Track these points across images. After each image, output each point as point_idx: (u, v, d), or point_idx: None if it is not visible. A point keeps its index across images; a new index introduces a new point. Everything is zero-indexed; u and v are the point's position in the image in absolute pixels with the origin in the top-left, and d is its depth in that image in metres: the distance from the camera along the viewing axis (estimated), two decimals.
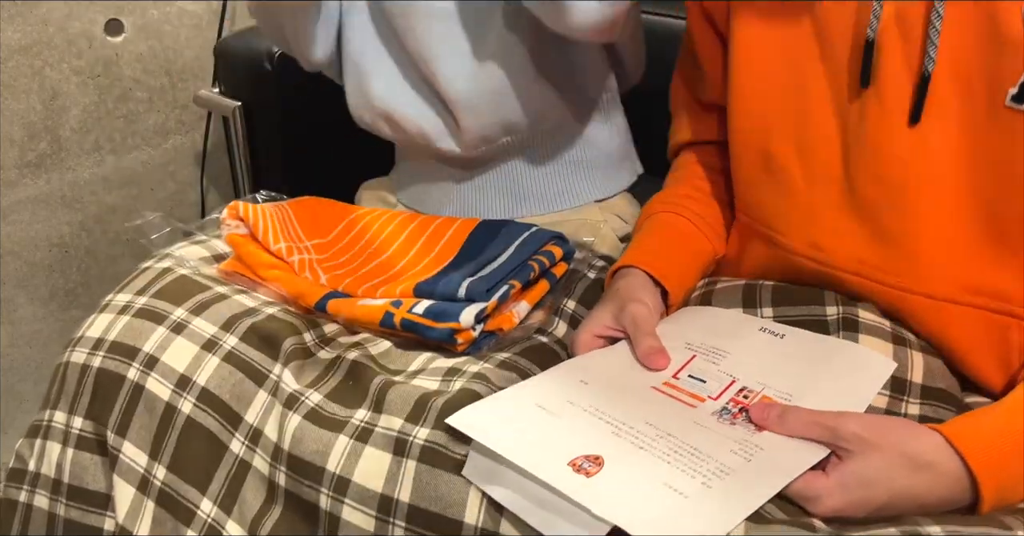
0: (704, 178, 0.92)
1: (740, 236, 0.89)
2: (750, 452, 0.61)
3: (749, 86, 0.80)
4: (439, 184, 1.06)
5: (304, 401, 0.72)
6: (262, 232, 0.88)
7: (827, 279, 0.79)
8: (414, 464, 0.64)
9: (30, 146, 1.31)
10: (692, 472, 0.59)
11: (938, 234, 0.72)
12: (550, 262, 0.85)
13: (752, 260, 0.87)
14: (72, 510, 0.80)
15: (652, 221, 0.89)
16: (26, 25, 1.25)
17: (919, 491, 0.59)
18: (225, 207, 0.94)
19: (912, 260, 0.73)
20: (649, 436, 0.63)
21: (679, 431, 0.64)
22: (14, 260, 1.35)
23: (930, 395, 0.70)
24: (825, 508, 0.58)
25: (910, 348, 0.73)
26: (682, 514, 0.56)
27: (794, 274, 0.82)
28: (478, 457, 0.63)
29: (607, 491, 0.57)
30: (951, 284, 0.73)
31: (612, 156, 1.05)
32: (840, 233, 0.77)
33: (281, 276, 0.85)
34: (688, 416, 0.66)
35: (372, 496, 0.65)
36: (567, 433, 0.64)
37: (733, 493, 0.58)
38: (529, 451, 0.61)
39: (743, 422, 0.65)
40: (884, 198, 0.73)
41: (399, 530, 0.64)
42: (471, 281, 0.80)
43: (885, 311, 0.77)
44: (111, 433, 0.77)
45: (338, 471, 0.67)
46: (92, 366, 0.79)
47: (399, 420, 0.68)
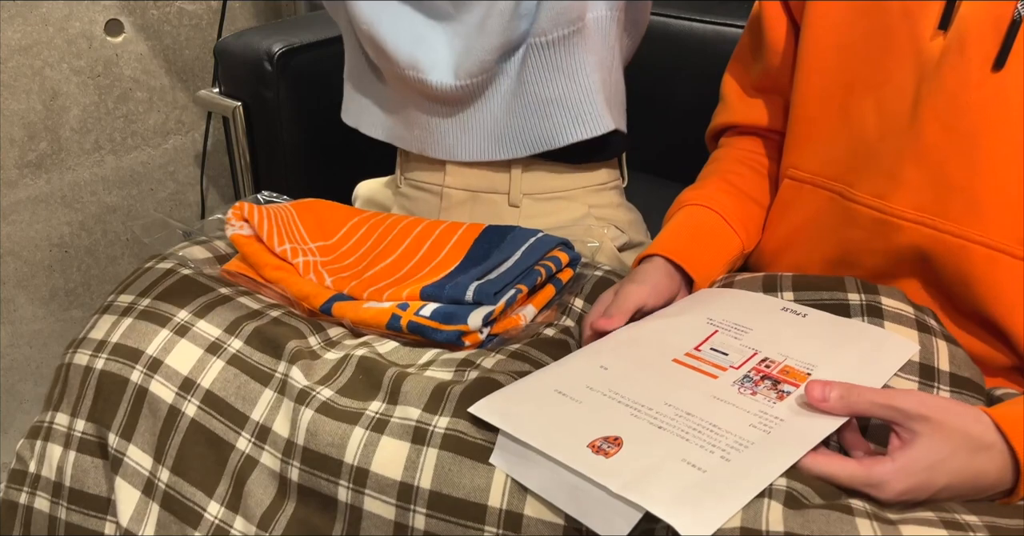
0: (737, 173, 0.93)
1: (790, 193, 0.88)
2: (769, 424, 0.62)
3: (826, 41, 0.80)
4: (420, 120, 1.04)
5: (316, 395, 0.72)
6: (267, 233, 0.88)
7: (885, 227, 0.79)
8: (435, 452, 0.65)
9: (30, 146, 1.31)
10: (711, 447, 0.60)
11: (1003, 185, 0.72)
12: (556, 267, 0.85)
13: (798, 218, 0.87)
14: (73, 513, 0.79)
15: (683, 213, 0.90)
16: (26, 25, 1.25)
17: (976, 472, 0.59)
18: (229, 208, 0.94)
19: (974, 210, 0.73)
20: (668, 416, 0.64)
21: (698, 409, 0.64)
22: (14, 260, 1.35)
23: (958, 383, 0.70)
24: (892, 492, 0.57)
25: (934, 336, 0.73)
26: (701, 488, 0.56)
27: (845, 229, 0.82)
28: (506, 445, 0.63)
29: (626, 470, 0.58)
30: (1011, 236, 0.72)
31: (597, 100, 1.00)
32: (905, 181, 0.76)
33: (286, 278, 0.85)
34: (708, 390, 0.66)
35: (391, 484, 0.65)
36: (586, 417, 0.64)
37: (752, 465, 0.58)
38: (549, 435, 0.62)
39: (764, 390, 0.66)
40: (953, 146, 0.73)
41: (420, 517, 0.64)
42: (479, 284, 0.80)
43: (941, 266, 0.77)
44: (114, 436, 0.77)
45: (356, 462, 0.67)
46: (95, 368, 0.79)
47: (416, 410, 0.68)
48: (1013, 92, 0.70)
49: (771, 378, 0.67)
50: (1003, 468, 0.59)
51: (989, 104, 0.71)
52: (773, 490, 0.58)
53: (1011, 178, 0.72)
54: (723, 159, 0.95)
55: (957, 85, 0.72)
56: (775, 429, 0.62)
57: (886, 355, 0.70)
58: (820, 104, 0.83)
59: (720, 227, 0.88)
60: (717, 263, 0.86)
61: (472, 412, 0.66)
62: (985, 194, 0.73)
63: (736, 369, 0.68)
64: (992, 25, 0.70)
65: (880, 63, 0.77)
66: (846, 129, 0.81)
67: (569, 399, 0.67)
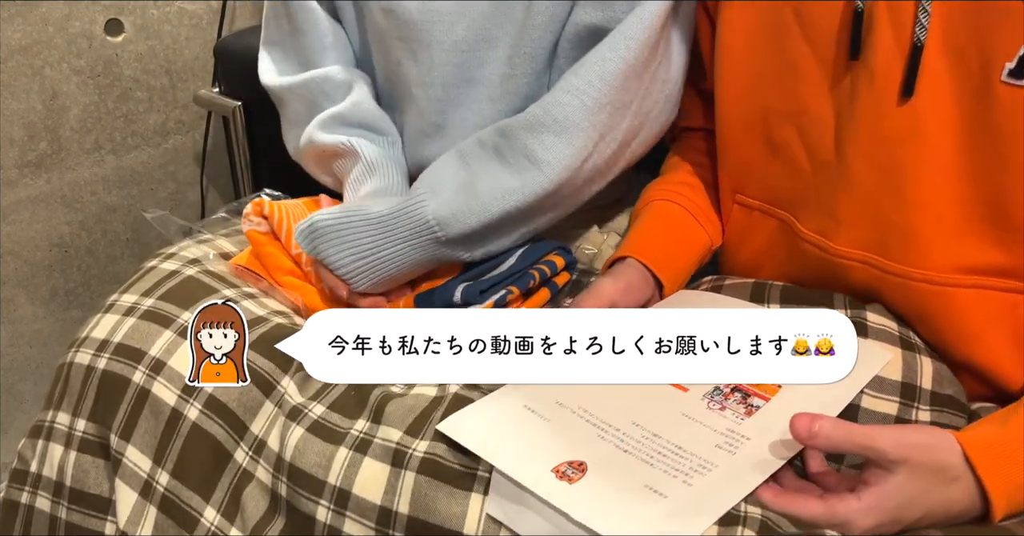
0: (700, 165, 0.92)
1: (742, 221, 0.87)
2: (735, 444, 0.62)
3: (739, 64, 0.79)
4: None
5: (307, 413, 0.72)
6: (285, 233, 0.88)
7: (831, 268, 0.77)
8: (413, 476, 0.64)
9: (30, 146, 1.31)
10: (674, 472, 0.60)
11: (936, 217, 0.70)
12: (551, 271, 0.85)
13: (755, 245, 0.86)
14: (73, 513, 0.79)
15: (650, 209, 0.89)
16: (26, 25, 1.25)
17: (948, 501, 0.58)
18: (228, 207, 0.94)
19: (911, 245, 0.72)
20: (634, 438, 0.64)
21: (664, 430, 0.64)
22: (14, 260, 1.34)
23: (939, 401, 0.70)
24: (859, 529, 0.56)
25: (918, 353, 0.72)
26: (660, 515, 0.56)
27: (798, 263, 0.81)
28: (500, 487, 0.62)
29: (588, 497, 0.58)
30: (953, 267, 0.71)
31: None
32: (843, 219, 0.75)
33: (298, 285, 0.85)
34: (677, 407, 0.66)
35: (371, 508, 0.65)
36: (553, 437, 0.64)
37: (713, 490, 0.58)
38: (514, 457, 0.62)
39: (733, 405, 0.65)
40: (882, 181, 0.71)
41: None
42: (467, 286, 0.80)
43: (891, 304, 0.75)
44: (115, 437, 0.77)
45: (339, 483, 0.67)
46: (97, 368, 0.79)
47: (398, 432, 0.68)
48: (927, 122, 0.67)
49: (741, 390, 0.66)
50: (972, 495, 0.58)
51: (906, 136, 0.68)
52: (748, 518, 0.58)
53: (942, 210, 0.69)
54: (685, 151, 0.94)
55: (873, 116, 0.70)
56: (741, 449, 0.61)
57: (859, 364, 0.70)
58: (745, 131, 0.81)
59: (688, 224, 0.88)
60: (687, 263, 0.86)
61: (440, 429, 0.65)
62: (920, 228, 0.70)
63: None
64: (899, 53, 0.67)
65: (794, 91, 0.75)
66: (778, 159, 0.79)
67: (538, 417, 0.66)
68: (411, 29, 0.86)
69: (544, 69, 0.87)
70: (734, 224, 0.88)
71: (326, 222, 0.79)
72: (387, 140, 0.91)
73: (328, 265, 0.81)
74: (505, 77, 0.87)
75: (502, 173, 0.79)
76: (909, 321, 0.76)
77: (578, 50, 0.83)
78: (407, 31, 0.87)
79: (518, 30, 0.85)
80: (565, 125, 0.77)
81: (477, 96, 0.88)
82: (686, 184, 0.90)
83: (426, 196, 0.79)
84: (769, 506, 0.58)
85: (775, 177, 0.81)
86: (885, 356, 0.70)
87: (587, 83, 0.77)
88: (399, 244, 0.79)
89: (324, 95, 0.93)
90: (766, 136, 0.79)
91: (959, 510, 0.59)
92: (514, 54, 0.86)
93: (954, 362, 0.75)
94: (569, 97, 0.78)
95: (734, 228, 0.88)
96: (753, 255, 0.87)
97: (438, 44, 0.86)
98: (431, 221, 0.78)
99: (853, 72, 0.70)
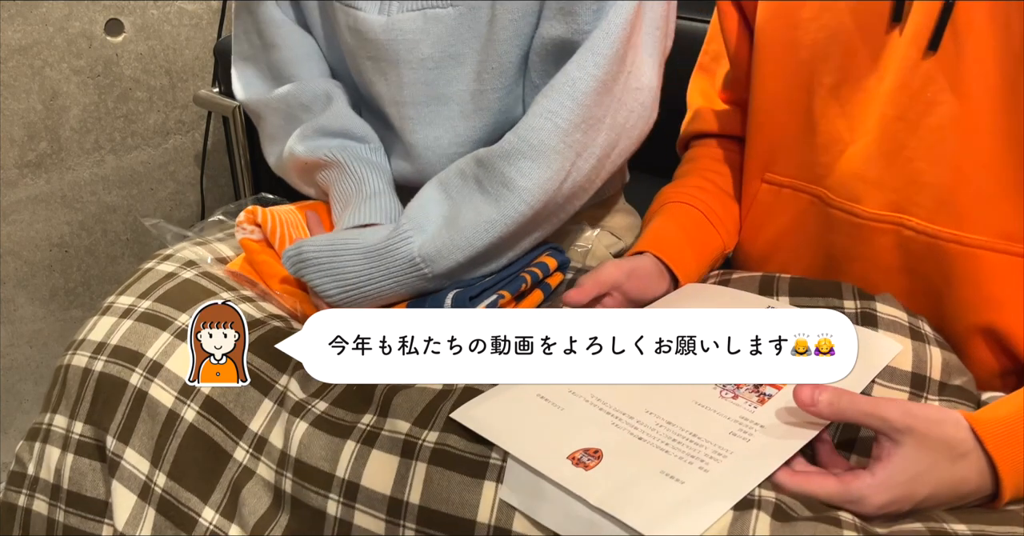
0: (715, 171, 0.92)
1: (769, 199, 0.87)
2: (749, 432, 0.62)
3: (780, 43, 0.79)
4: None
5: (311, 409, 0.72)
6: (279, 241, 0.88)
7: (862, 232, 0.78)
8: (424, 466, 0.64)
9: (30, 146, 1.31)
10: (690, 458, 0.60)
11: (972, 179, 0.70)
12: (544, 273, 0.85)
13: (778, 225, 0.86)
14: (71, 516, 0.79)
15: (666, 209, 0.89)
16: (26, 25, 1.25)
17: (958, 480, 0.58)
18: (225, 210, 0.93)
19: (943, 206, 0.72)
20: (648, 426, 0.64)
21: (678, 417, 0.64)
22: (14, 260, 1.34)
23: (948, 391, 0.70)
24: (872, 506, 0.57)
25: (928, 343, 0.72)
26: (677, 501, 0.57)
27: (830, 228, 0.81)
28: (515, 475, 0.62)
29: (605, 483, 0.58)
30: (986, 231, 0.71)
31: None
32: (875, 182, 0.76)
33: (294, 292, 0.85)
34: (689, 395, 0.66)
35: (381, 499, 0.65)
36: (567, 425, 0.64)
37: (729, 476, 0.58)
38: (530, 445, 0.62)
39: (745, 393, 0.66)
40: (916, 141, 0.72)
41: (409, 532, 0.64)
42: (457, 292, 0.80)
43: (917, 267, 0.75)
44: (112, 439, 0.77)
45: (347, 476, 0.67)
46: (94, 370, 0.79)
47: (406, 424, 0.68)
48: (964, 78, 0.68)
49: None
50: (982, 474, 0.59)
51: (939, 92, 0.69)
52: (762, 502, 0.57)
53: (979, 172, 0.70)
54: (701, 157, 0.95)
55: (909, 76, 0.70)
56: (754, 437, 0.62)
57: (869, 355, 0.69)
58: (785, 109, 0.82)
59: (703, 226, 0.88)
60: (701, 263, 0.86)
61: (454, 418, 0.65)
62: (956, 190, 0.71)
63: None
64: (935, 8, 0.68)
65: (838, 63, 0.76)
66: (815, 133, 0.80)
67: (551, 405, 0.66)
68: (377, 48, 0.87)
69: (515, 83, 0.88)
70: (758, 204, 0.89)
71: (312, 252, 0.80)
72: (369, 147, 0.91)
73: (315, 291, 0.82)
74: (475, 93, 0.87)
75: (483, 204, 0.80)
76: (934, 284, 0.76)
77: (548, 63, 0.84)
78: (374, 50, 0.87)
79: (483, 46, 0.85)
80: (541, 149, 0.78)
81: (449, 113, 0.88)
82: (701, 189, 0.91)
83: (411, 232, 0.80)
84: (784, 486, 0.59)
85: (810, 152, 0.81)
86: (895, 347, 0.70)
87: (559, 104, 0.78)
88: (386, 279, 0.80)
89: (302, 107, 0.93)
90: (807, 111, 0.80)
91: (968, 490, 0.59)
92: (482, 70, 0.86)
93: (975, 327, 0.75)
94: (542, 121, 0.78)
95: (758, 208, 0.89)
96: (773, 236, 0.87)
97: (404, 63, 0.86)
98: (416, 258, 0.79)
99: (892, 36, 0.71)
